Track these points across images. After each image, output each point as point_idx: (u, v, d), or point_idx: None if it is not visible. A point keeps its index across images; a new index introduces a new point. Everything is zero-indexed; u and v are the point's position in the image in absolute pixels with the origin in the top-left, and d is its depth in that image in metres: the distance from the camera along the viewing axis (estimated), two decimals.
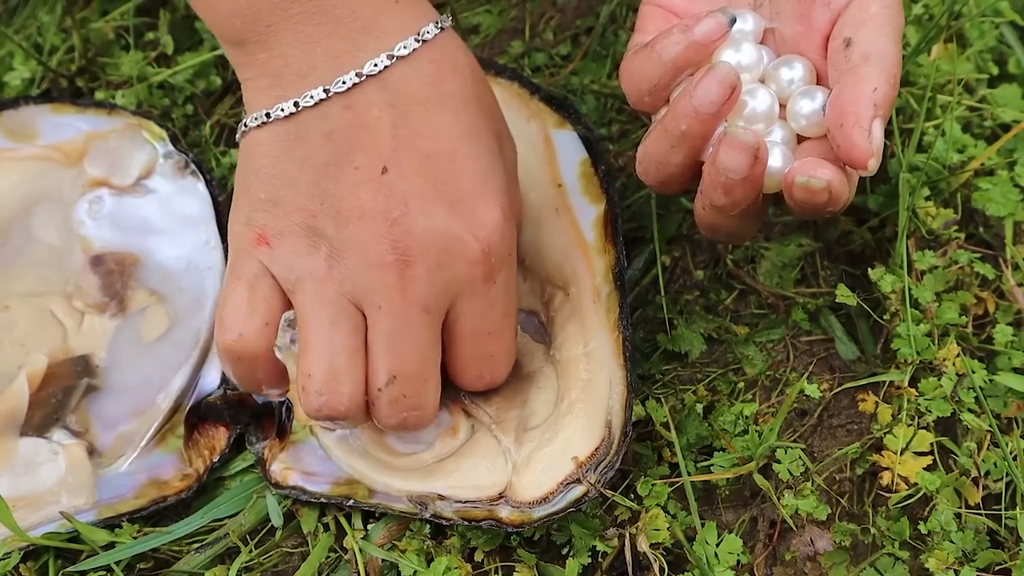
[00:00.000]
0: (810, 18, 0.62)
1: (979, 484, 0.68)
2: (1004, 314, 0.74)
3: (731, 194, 0.59)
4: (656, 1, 0.66)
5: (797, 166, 0.58)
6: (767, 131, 0.62)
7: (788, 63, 0.62)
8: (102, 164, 0.79)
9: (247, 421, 0.73)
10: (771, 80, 0.63)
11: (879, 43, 0.59)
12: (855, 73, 0.58)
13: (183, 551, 0.69)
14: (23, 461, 0.71)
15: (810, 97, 0.61)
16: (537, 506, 0.65)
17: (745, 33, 0.64)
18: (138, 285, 0.77)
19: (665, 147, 0.61)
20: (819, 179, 0.57)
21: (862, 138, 0.57)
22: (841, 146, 0.58)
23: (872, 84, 0.58)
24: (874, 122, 0.57)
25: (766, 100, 0.61)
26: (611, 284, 0.70)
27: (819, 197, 0.57)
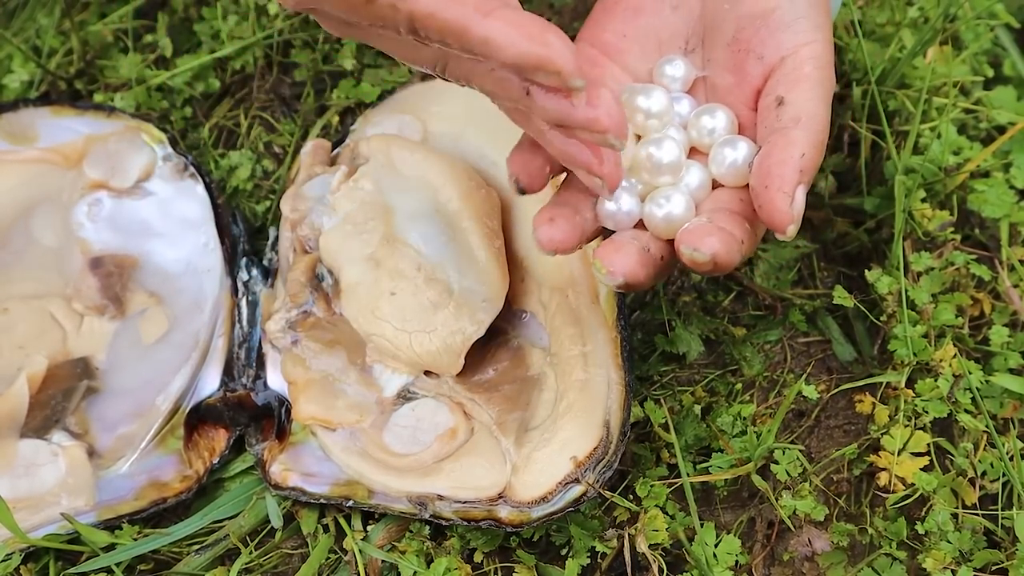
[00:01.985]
0: (743, 70, 0.62)
1: (976, 484, 0.69)
2: (1000, 315, 0.74)
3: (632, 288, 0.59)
4: (588, 38, 0.65)
5: (685, 234, 0.58)
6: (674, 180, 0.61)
7: (710, 111, 0.62)
8: (101, 167, 0.80)
9: (246, 423, 0.73)
10: (692, 127, 0.63)
11: (811, 106, 0.59)
12: (785, 136, 0.58)
13: (183, 552, 0.69)
14: (23, 463, 0.71)
15: (732, 146, 0.61)
16: (536, 506, 0.66)
17: (675, 79, 0.64)
18: (137, 287, 0.77)
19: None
20: (702, 253, 0.56)
21: (784, 203, 0.57)
22: (763, 207, 0.58)
23: (800, 149, 0.58)
24: (798, 188, 0.57)
25: (673, 152, 0.61)
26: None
27: (702, 268, 0.57)
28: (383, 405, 0.71)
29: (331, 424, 0.71)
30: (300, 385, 0.72)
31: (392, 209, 0.74)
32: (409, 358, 0.71)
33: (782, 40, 0.60)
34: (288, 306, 0.74)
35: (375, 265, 0.73)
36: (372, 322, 0.71)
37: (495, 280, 0.71)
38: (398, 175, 0.75)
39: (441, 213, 0.73)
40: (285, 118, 0.87)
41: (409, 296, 0.71)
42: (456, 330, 0.70)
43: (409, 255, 0.72)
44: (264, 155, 0.86)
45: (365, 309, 0.72)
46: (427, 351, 0.70)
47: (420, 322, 0.71)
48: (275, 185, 0.84)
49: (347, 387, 0.72)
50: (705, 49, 0.64)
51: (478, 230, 0.72)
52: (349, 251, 0.73)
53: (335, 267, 0.74)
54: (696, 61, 0.65)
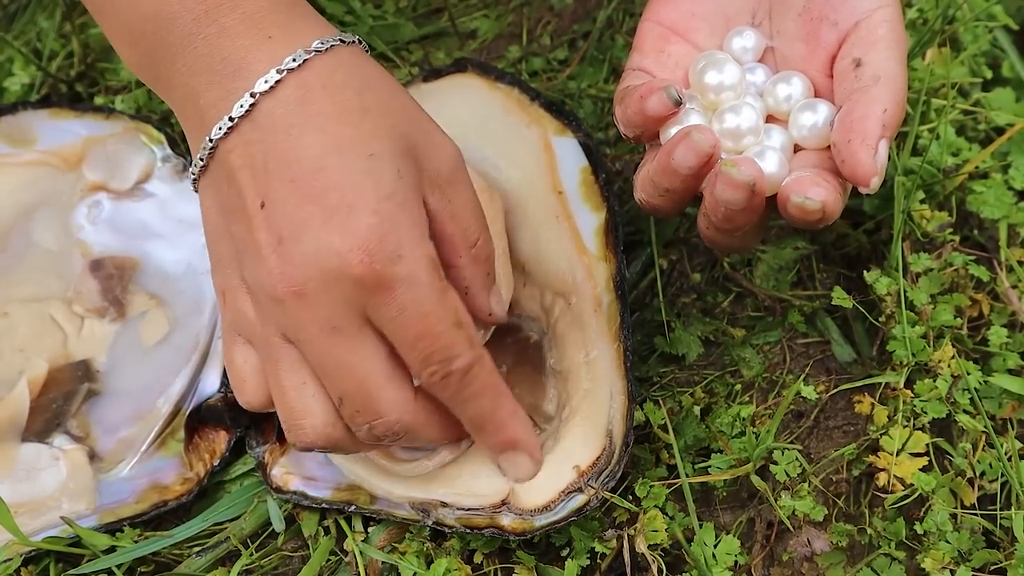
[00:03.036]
0: (816, 37, 0.64)
1: (974, 485, 0.69)
2: (999, 316, 0.75)
3: (733, 221, 0.60)
4: (654, 18, 0.67)
5: (793, 184, 0.59)
6: (758, 142, 0.63)
7: (786, 78, 0.64)
8: (101, 168, 0.80)
9: (247, 425, 0.73)
10: (769, 96, 0.64)
11: (889, 65, 0.61)
12: (866, 92, 0.60)
13: (184, 555, 0.70)
14: (24, 467, 0.71)
15: (812, 110, 0.63)
16: (539, 514, 0.66)
17: (746, 50, 0.66)
18: (137, 289, 0.77)
19: (655, 194, 0.63)
20: (813, 200, 0.58)
21: (868, 156, 0.58)
22: (846, 162, 0.59)
23: (883, 105, 0.59)
24: (881, 142, 0.59)
25: (751, 117, 0.63)
26: (612, 293, 0.70)
27: (812, 216, 0.59)
28: None
29: None
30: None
31: None
32: None
33: (855, 5, 0.62)
34: None
35: None
36: None
37: (502, 284, 0.71)
38: None
39: None
40: None
41: None
42: None
43: None
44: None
45: None
46: None
47: None
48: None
49: None
50: (773, 21, 0.66)
51: None
52: None
53: None
54: (764, 33, 0.66)
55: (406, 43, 0.89)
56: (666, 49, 0.66)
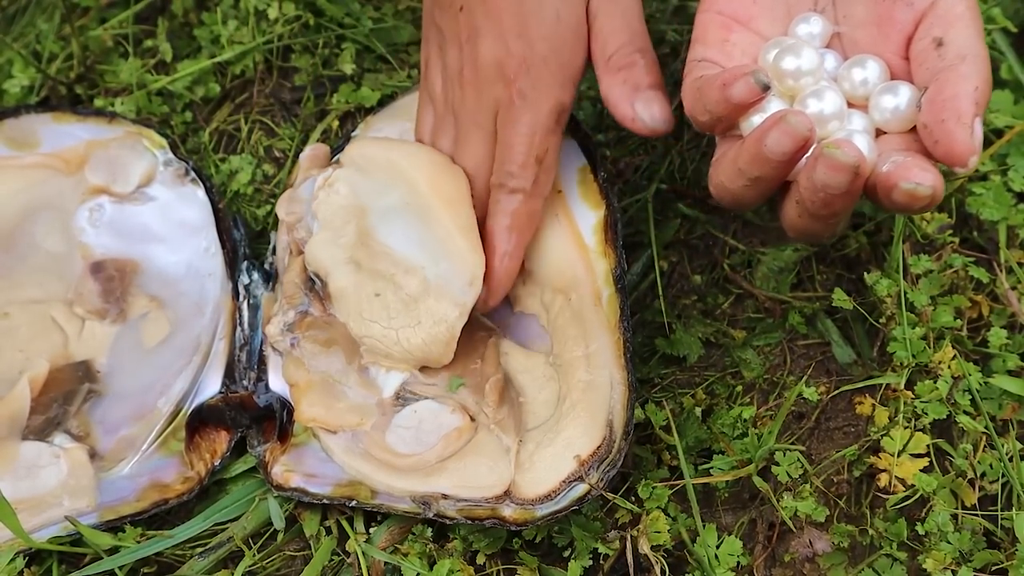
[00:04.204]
0: (890, 19, 0.62)
1: (975, 485, 0.69)
2: (998, 317, 0.75)
3: (831, 206, 0.58)
4: (714, 8, 0.66)
5: (898, 170, 0.57)
6: (843, 127, 0.61)
7: (860, 63, 0.62)
8: (102, 172, 0.80)
9: (248, 424, 0.73)
10: (843, 80, 0.63)
11: (972, 43, 0.59)
12: (955, 71, 0.58)
13: (186, 555, 0.69)
14: (25, 464, 0.71)
15: (893, 92, 0.61)
16: (540, 504, 0.66)
17: (813, 36, 0.64)
18: (138, 291, 0.77)
19: (740, 184, 0.61)
20: (924, 186, 0.56)
21: (965, 134, 0.57)
22: (940, 142, 0.57)
23: (973, 83, 0.58)
24: (975, 119, 0.57)
25: (835, 102, 0.61)
26: (611, 287, 0.70)
27: (922, 202, 0.57)
28: (384, 407, 0.71)
29: (333, 426, 0.71)
30: (302, 387, 0.72)
31: (366, 210, 0.74)
32: (400, 354, 0.71)
33: None
34: (285, 308, 0.74)
35: (356, 268, 0.73)
36: (361, 324, 0.72)
37: (470, 260, 0.71)
38: (368, 175, 0.74)
39: (410, 204, 0.72)
40: (285, 123, 0.87)
41: (390, 294, 0.72)
42: (440, 319, 0.70)
43: (384, 253, 0.72)
44: (264, 159, 0.86)
45: (354, 312, 0.72)
46: (415, 345, 0.71)
47: (404, 317, 0.71)
48: (275, 189, 0.84)
49: (348, 389, 0.72)
50: (838, 7, 0.65)
51: (447, 212, 0.71)
52: (331, 257, 0.73)
53: (322, 274, 0.74)
54: (829, 18, 0.65)
55: (405, 45, 0.89)
56: (730, 39, 0.65)
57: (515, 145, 0.69)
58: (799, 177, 0.59)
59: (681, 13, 0.90)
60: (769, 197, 0.62)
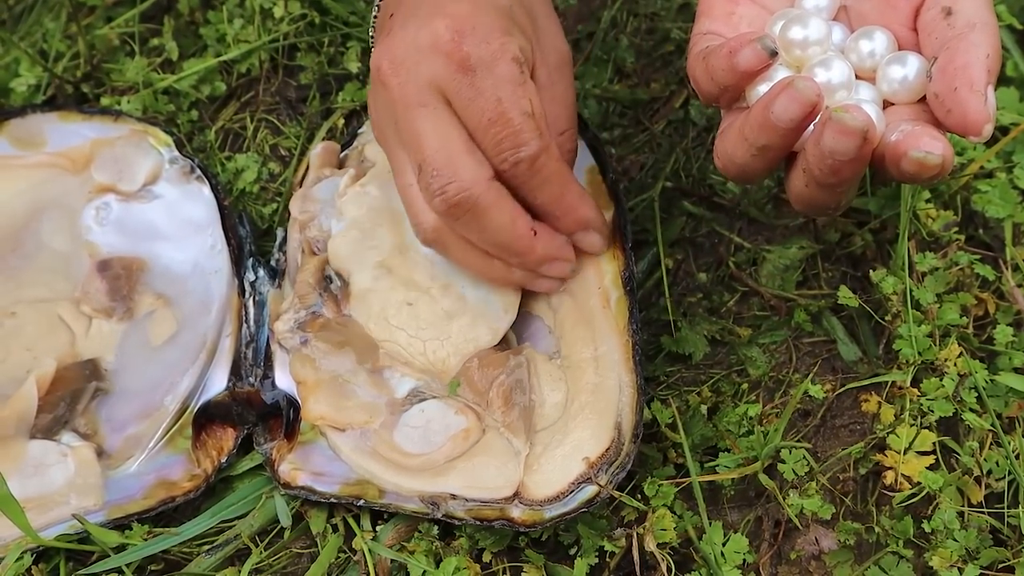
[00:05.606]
0: None
1: (981, 483, 0.69)
2: (1004, 315, 0.75)
3: (839, 173, 0.57)
4: None
5: (908, 139, 0.56)
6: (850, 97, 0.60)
7: (867, 35, 0.61)
8: (108, 170, 0.80)
9: (254, 422, 0.73)
10: (851, 52, 0.62)
11: (982, 12, 0.58)
12: (965, 39, 0.57)
13: (193, 553, 0.70)
14: (32, 463, 0.71)
15: (901, 63, 0.60)
16: (549, 505, 0.66)
17: (820, 8, 0.63)
18: (145, 289, 0.77)
19: (746, 154, 0.60)
20: (934, 154, 0.55)
21: (979, 102, 0.56)
22: (952, 111, 0.56)
23: (985, 50, 0.57)
24: (988, 87, 0.56)
25: (843, 71, 0.60)
26: (620, 289, 0.70)
27: (932, 171, 0.56)
28: (392, 406, 0.71)
29: (340, 425, 0.71)
30: (309, 385, 0.72)
31: (402, 216, 0.74)
32: (423, 364, 0.71)
33: None
34: (297, 307, 0.74)
35: (387, 272, 0.73)
36: (386, 328, 0.72)
37: (509, 289, 0.72)
38: None
39: None
40: (291, 121, 0.87)
41: (424, 306, 0.72)
42: (471, 338, 0.71)
43: (422, 265, 0.73)
44: (270, 158, 0.86)
45: (378, 316, 0.72)
46: (440, 357, 0.71)
47: (435, 330, 0.71)
48: (281, 187, 0.84)
49: (357, 388, 0.72)
50: None
51: None
52: (359, 257, 0.73)
53: (344, 272, 0.74)
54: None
55: None
56: (736, 11, 0.64)
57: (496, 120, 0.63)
58: (807, 144, 0.58)
59: (685, 11, 0.90)
60: (775, 167, 0.61)
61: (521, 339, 0.73)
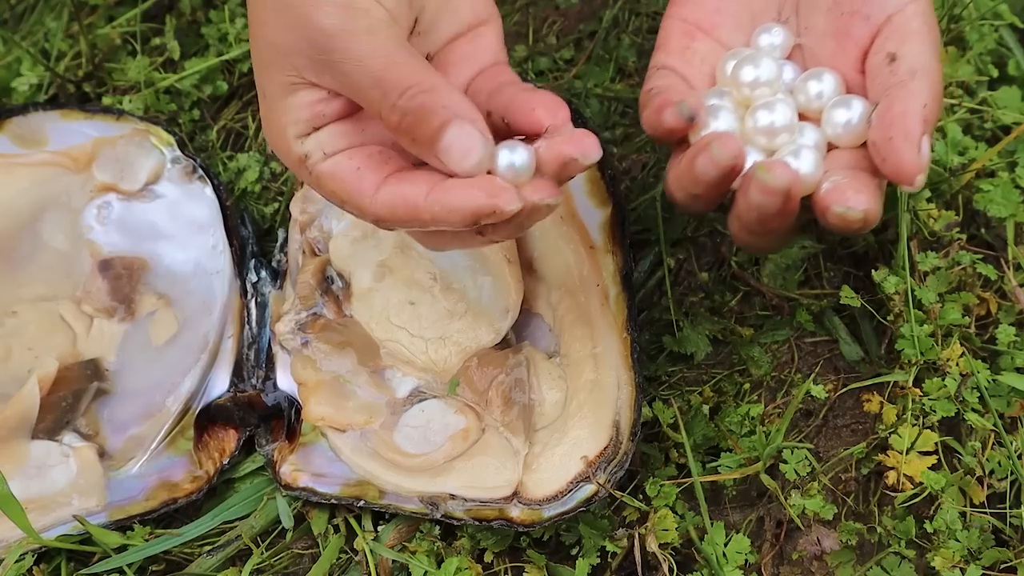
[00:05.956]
0: (848, 33, 0.62)
1: (984, 483, 0.69)
2: (1006, 314, 0.75)
3: (765, 225, 0.59)
4: (678, 15, 0.66)
5: (832, 192, 0.57)
6: (793, 140, 0.61)
7: (817, 75, 0.62)
8: (110, 169, 0.80)
9: (256, 423, 0.73)
10: (799, 92, 0.63)
11: (925, 59, 0.59)
12: (904, 87, 0.58)
13: (195, 553, 0.70)
14: (34, 464, 0.71)
15: (846, 106, 0.61)
16: (547, 504, 0.66)
17: (774, 47, 0.64)
18: (146, 289, 0.77)
19: (683, 195, 0.61)
20: (856, 210, 0.56)
21: (912, 153, 0.57)
22: (887, 160, 0.57)
23: (922, 100, 0.58)
24: (923, 138, 0.57)
25: (786, 114, 0.61)
26: (618, 286, 0.70)
27: (853, 226, 0.57)
28: (393, 406, 0.71)
29: (341, 425, 0.71)
30: (310, 386, 0.72)
31: None
32: (424, 364, 0.71)
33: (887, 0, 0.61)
34: (298, 308, 0.74)
35: (388, 272, 0.73)
36: (388, 328, 0.72)
37: (511, 288, 0.72)
38: None
39: None
40: None
41: (426, 305, 0.72)
42: (473, 337, 0.71)
43: (423, 264, 0.73)
44: (272, 157, 0.86)
45: (380, 315, 0.72)
46: (442, 357, 0.71)
47: (437, 329, 0.71)
48: (283, 187, 0.84)
49: (357, 389, 0.72)
50: (801, 18, 0.64)
51: None
52: (360, 257, 0.73)
53: (346, 272, 0.74)
54: (791, 29, 0.65)
55: None
56: (691, 46, 0.65)
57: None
58: (736, 195, 0.59)
59: None
60: (714, 207, 0.62)
61: (521, 337, 0.73)
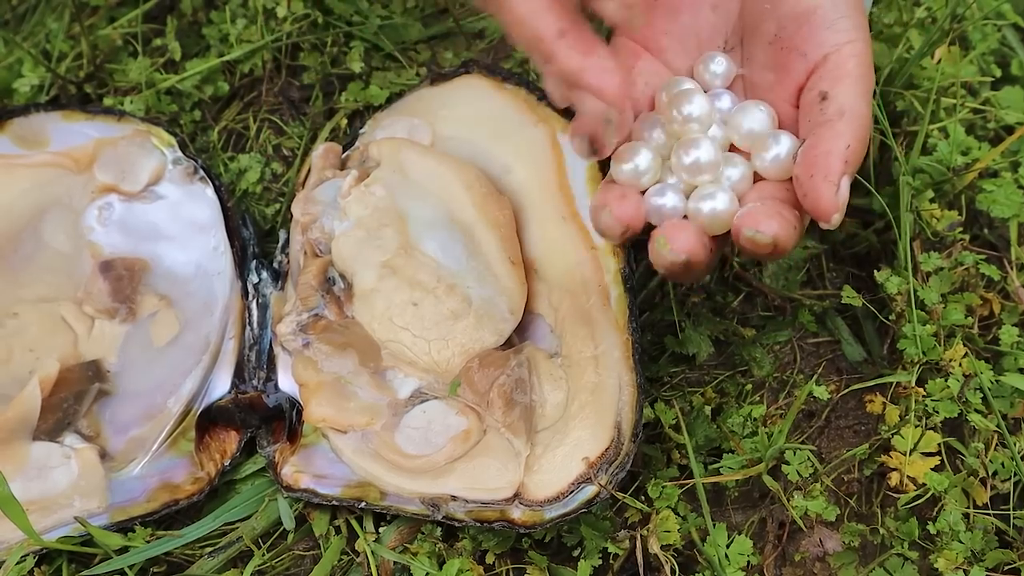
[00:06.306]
0: (785, 67, 0.63)
1: (987, 484, 0.69)
2: (1009, 315, 0.74)
3: (676, 277, 0.61)
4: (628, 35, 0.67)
5: (745, 216, 0.59)
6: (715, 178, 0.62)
7: (748, 110, 0.63)
8: (112, 170, 0.80)
9: (258, 424, 0.73)
10: (731, 124, 0.64)
11: (854, 101, 0.60)
12: (831, 127, 0.60)
13: (196, 555, 0.70)
14: (36, 465, 0.71)
15: (775, 140, 0.62)
16: (549, 505, 0.66)
17: (716, 76, 0.65)
18: (147, 290, 0.77)
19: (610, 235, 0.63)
20: (764, 234, 0.58)
21: (830, 192, 0.58)
22: (808, 196, 0.59)
23: (846, 141, 0.59)
24: (843, 178, 0.59)
25: (709, 151, 0.62)
26: (620, 286, 0.70)
27: (763, 249, 0.59)
28: (394, 407, 0.71)
29: (342, 426, 0.71)
30: (311, 387, 0.72)
31: (406, 216, 0.74)
32: (427, 364, 0.71)
33: (825, 38, 0.62)
34: (299, 309, 0.74)
35: (391, 272, 0.73)
36: (390, 329, 0.72)
37: (514, 291, 0.72)
38: (410, 181, 0.75)
39: (457, 222, 0.74)
40: (294, 121, 0.87)
41: (429, 306, 0.72)
42: (476, 339, 0.71)
43: (428, 265, 0.73)
44: (273, 158, 0.86)
45: (382, 316, 0.72)
46: (445, 357, 0.71)
47: (440, 331, 0.71)
48: (284, 188, 0.84)
49: (358, 390, 0.72)
50: (745, 48, 0.66)
51: (494, 239, 0.73)
52: (363, 257, 0.73)
53: (348, 272, 0.74)
54: (735, 59, 0.66)
55: (413, 43, 0.89)
56: (637, 66, 0.66)
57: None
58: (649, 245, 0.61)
59: None
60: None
61: (522, 338, 0.73)
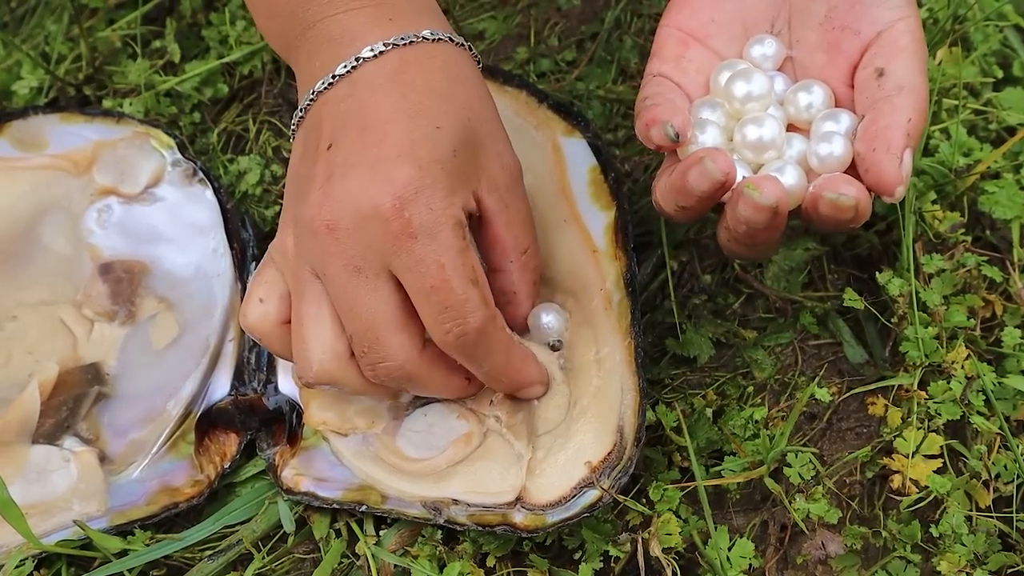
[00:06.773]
0: (838, 47, 0.64)
1: (990, 487, 0.68)
2: (1012, 317, 0.74)
3: (754, 238, 0.61)
4: (673, 24, 0.68)
5: (825, 182, 0.60)
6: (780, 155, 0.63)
7: (807, 87, 0.64)
8: (110, 173, 0.80)
9: (257, 427, 0.73)
10: (789, 104, 0.64)
11: (912, 75, 0.61)
12: (890, 102, 0.60)
13: (196, 558, 0.69)
14: (35, 468, 0.71)
15: (834, 119, 0.62)
16: (551, 510, 0.65)
17: (766, 58, 0.66)
18: (147, 293, 0.77)
19: (670, 206, 0.63)
20: (848, 196, 0.58)
21: (893, 165, 0.59)
22: (870, 171, 0.59)
23: (907, 114, 0.60)
24: (906, 151, 0.59)
25: (773, 129, 0.63)
26: (622, 291, 0.70)
27: (846, 214, 0.59)
28: (395, 411, 0.71)
29: (343, 429, 0.70)
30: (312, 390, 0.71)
31: None
32: None
33: (878, 16, 0.63)
34: None
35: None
36: None
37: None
38: None
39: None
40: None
41: None
42: None
43: None
44: (273, 160, 0.86)
45: None
46: None
47: None
48: (283, 190, 0.84)
49: None
50: (792, 31, 0.66)
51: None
52: None
53: None
54: (783, 41, 0.67)
55: None
56: (686, 55, 0.67)
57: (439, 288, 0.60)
58: (726, 208, 0.61)
59: None
60: (701, 218, 0.65)
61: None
